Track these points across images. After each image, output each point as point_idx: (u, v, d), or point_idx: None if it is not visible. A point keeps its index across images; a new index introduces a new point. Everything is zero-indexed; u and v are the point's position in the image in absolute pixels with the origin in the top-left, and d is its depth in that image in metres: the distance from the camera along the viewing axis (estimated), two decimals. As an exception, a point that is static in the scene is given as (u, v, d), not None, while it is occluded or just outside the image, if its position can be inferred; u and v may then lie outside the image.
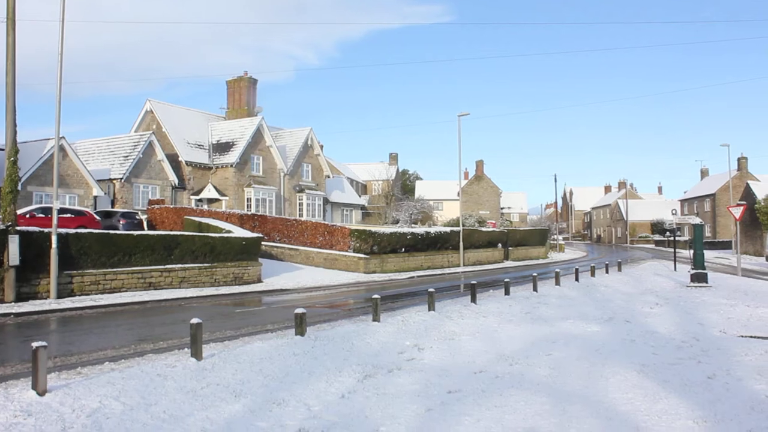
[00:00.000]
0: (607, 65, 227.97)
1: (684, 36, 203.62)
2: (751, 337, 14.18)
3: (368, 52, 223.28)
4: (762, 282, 30.27)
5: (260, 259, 29.39)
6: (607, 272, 34.08)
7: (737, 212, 33.73)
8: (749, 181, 68.46)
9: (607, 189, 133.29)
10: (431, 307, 17.16)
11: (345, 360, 11.05)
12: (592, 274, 31.50)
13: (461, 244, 33.52)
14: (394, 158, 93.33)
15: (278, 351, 11.36)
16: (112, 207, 38.61)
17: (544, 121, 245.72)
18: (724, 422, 7.74)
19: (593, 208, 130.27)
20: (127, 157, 40.85)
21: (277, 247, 36.10)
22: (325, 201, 56.00)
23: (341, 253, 35.83)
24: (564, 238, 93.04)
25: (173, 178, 42.92)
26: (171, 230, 32.21)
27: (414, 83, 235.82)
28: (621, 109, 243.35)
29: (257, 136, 48.32)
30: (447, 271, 38.94)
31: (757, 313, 18.02)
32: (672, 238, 47.63)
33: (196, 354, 10.39)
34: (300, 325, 12.89)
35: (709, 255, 53.14)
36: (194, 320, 10.46)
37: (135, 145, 41.50)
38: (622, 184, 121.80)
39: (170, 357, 11.12)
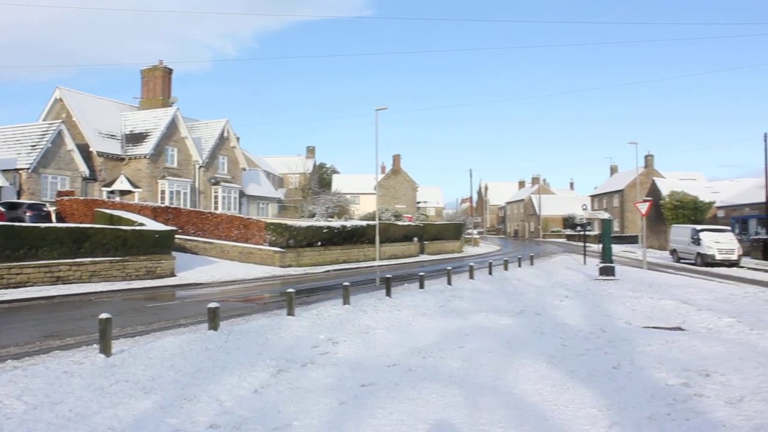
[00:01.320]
0: (522, 62, 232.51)
1: (595, 35, 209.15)
2: (653, 327, 14.72)
3: (287, 44, 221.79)
4: (665, 275, 31.42)
5: (174, 253, 28.88)
6: (519, 266, 34.80)
7: (643, 208, 34.92)
8: (655, 178, 70.98)
9: (521, 184, 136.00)
10: (346, 301, 17.19)
11: (258, 354, 10.98)
12: (505, 268, 32.10)
13: (377, 238, 33.72)
14: (311, 151, 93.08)
15: (190, 346, 11.20)
16: (18, 198, 37.26)
17: (460, 117, 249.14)
18: (627, 410, 8.03)
19: (507, 203, 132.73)
20: (34, 146, 39.47)
21: (191, 240, 35.52)
22: (241, 194, 55.41)
23: (257, 246, 35.55)
24: (479, 233, 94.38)
25: (84, 168, 41.73)
26: (81, 223, 31.34)
27: (333, 76, 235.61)
28: (535, 106, 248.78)
29: (172, 127, 47.41)
30: (363, 264, 39.07)
31: (660, 304, 18.70)
32: (582, 233, 48.90)
33: (105, 350, 10.16)
34: (213, 319, 12.74)
35: (617, 249, 54.81)
36: (103, 315, 10.22)
37: (43, 134, 40.12)
38: (535, 180, 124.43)
39: (78, 354, 10.84)
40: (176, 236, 30.68)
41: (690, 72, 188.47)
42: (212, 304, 12.99)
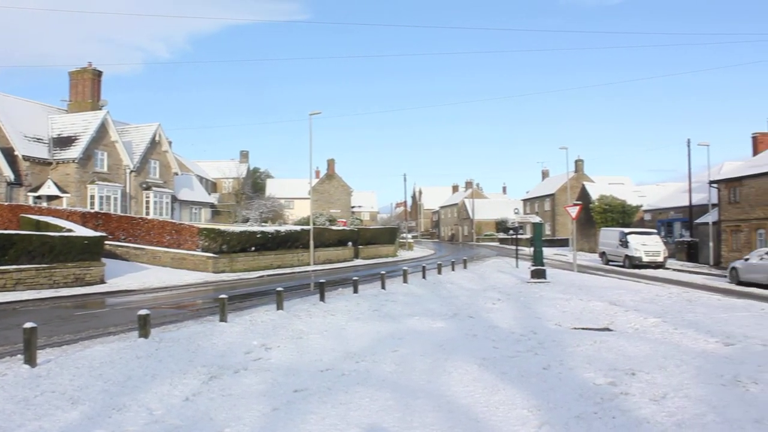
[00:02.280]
0: (456, 67, 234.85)
1: (527, 42, 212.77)
2: (583, 329, 15.04)
3: (222, 48, 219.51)
4: (595, 277, 32.13)
5: (104, 259, 28.28)
6: (453, 270, 35.14)
7: (573, 211, 35.64)
8: (585, 182, 72.46)
9: (455, 188, 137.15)
10: (280, 306, 17.13)
11: (190, 362, 10.85)
12: (439, 272, 32.38)
13: (312, 242, 33.50)
14: (245, 156, 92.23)
15: (120, 354, 11.01)
16: (-62, 204, 35.97)
17: (395, 121, 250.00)
18: (556, 409, 8.20)
19: (441, 207, 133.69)
20: (-45, 151, 38.16)
21: (122, 246, 34.82)
22: (174, 199, 54.51)
23: (189, 252, 35.05)
24: (413, 237, 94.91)
25: (8, 173, 40.48)
26: (6, 229, 30.42)
27: (267, 80, 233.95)
28: (469, 111, 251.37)
29: (102, 130, 46.35)
30: (297, 269, 38.88)
31: (589, 306, 19.13)
32: (515, 236, 49.62)
33: (30, 360, 9.91)
34: (144, 327, 12.55)
35: (548, 252, 55.72)
36: (28, 324, 9.97)
37: (-36, 139, 38.82)
38: (469, 184, 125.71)
39: (0, 365, 10.54)
40: (106, 242, 30.05)
41: (617, 79, 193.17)
42: (143, 311, 12.79)
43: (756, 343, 12.99)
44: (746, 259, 30.51)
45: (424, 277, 29.28)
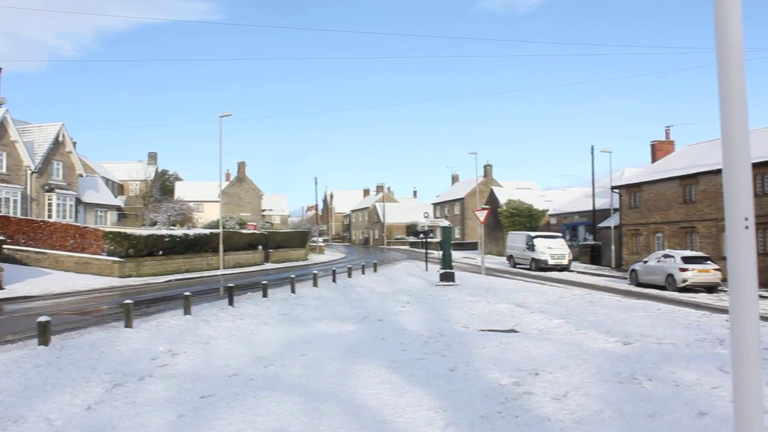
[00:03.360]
0: (368, 71, 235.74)
1: (438, 49, 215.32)
2: (489, 330, 15.34)
3: (131, 46, 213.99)
4: (502, 280, 32.81)
5: (2, 264, 27.20)
6: (363, 273, 35.30)
7: (482, 215, 36.30)
8: (493, 187, 73.95)
9: (366, 192, 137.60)
10: (187, 311, 16.87)
11: (93, 369, 10.58)
12: (349, 275, 32.48)
13: (221, 246, 33.21)
14: (153, 158, 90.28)
15: (17, 364, 10.65)
16: None
17: (307, 125, 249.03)
18: (462, 410, 8.35)
19: (353, 211, 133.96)
20: None
21: (22, 250, 33.59)
22: (78, 201, 52.89)
23: (94, 256, 34.12)
24: (324, 240, 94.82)
25: None
26: None
27: (177, 81, 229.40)
28: (381, 115, 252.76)
29: (1, 129, 44.67)
30: (207, 274, 38.36)
31: (496, 308, 19.53)
32: (425, 240, 50.20)
33: None
34: (44, 334, 12.17)
35: (457, 255, 56.64)
36: None
37: None
38: (380, 188, 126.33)
39: None
40: (5, 246, 28.95)
41: (526, 86, 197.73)
42: (43, 318, 12.41)
43: (652, 342, 13.56)
44: (645, 262, 31.72)
45: (334, 280, 29.31)
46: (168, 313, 18.32)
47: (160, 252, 37.46)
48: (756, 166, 31.88)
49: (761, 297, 25.78)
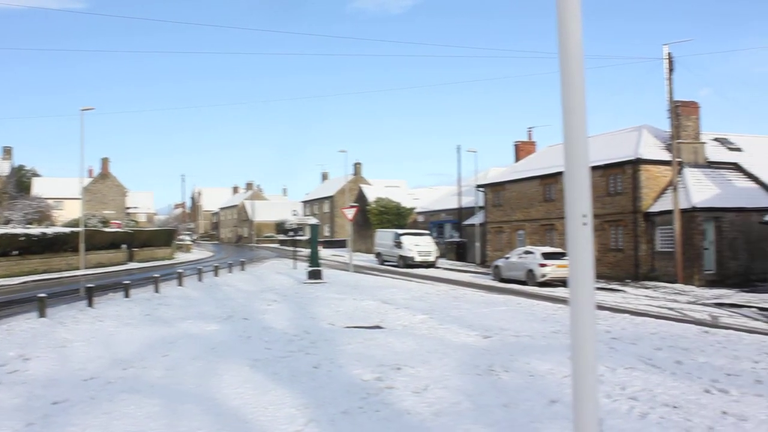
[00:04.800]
0: (237, 69, 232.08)
1: (310, 47, 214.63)
2: (355, 327, 15.47)
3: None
4: (370, 277, 33.15)
5: None
6: (230, 272, 34.84)
7: (350, 213, 36.58)
8: (362, 185, 74.56)
9: (236, 190, 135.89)
10: (42, 314, 16.17)
11: (-66, 377, 9.96)
12: (216, 274, 31.98)
13: (82, 245, 31.76)
14: (8, 152, 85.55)
15: None
16: None
17: (174, 121, 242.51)
18: (324, 406, 8.40)
19: (221, 209, 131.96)
20: None
21: None
22: None
23: (-61, 257, 32.08)
24: (192, 239, 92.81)
25: None
26: None
27: (36, 71, 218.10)
28: (250, 112, 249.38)
29: None
30: (66, 274, 36.80)
31: (363, 305, 19.73)
32: (293, 238, 50.02)
33: None
34: None
35: (327, 253, 56.86)
36: None
37: None
38: (249, 186, 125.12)
39: None
40: None
41: (396, 85, 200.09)
42: None
43: (510, 335, 14.09)
44: (507, 258, 32.81)
45: (200, 279, 28.80)
46: (21, 316, 17.46)
47: (15, 252, 35.62)
48: (608, 167, 33.71)
49: (614, 290, 27.31)
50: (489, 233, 45.58)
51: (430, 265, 42.87)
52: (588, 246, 3.65)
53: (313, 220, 32.10)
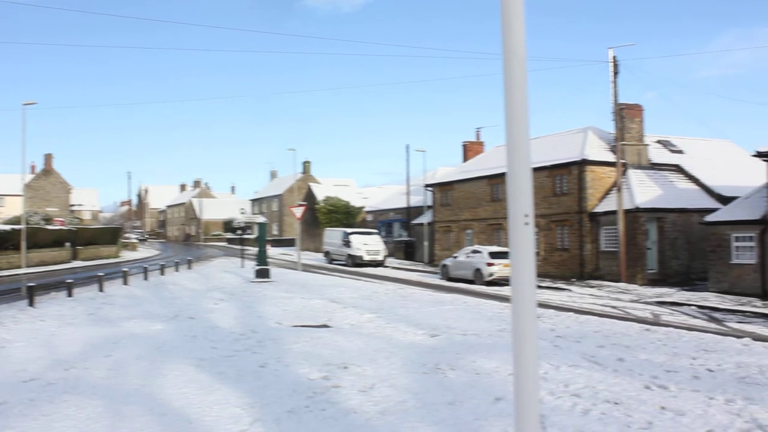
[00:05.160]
0: (180, 66, 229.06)
1: (259, 44, 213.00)
2: (302, 326, 15.43)
3: None
4: (318, 276, 33.07)
5: None
6: (177, 270, 34.44)
7: (298, 212, 36.47)
8: (311, 184, 74.30)
9: (183, 188, 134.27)
10: (-21, 314, 15.78)
11: None
12: (162, 273, 31.58)
13: (23, 243, 31.23)
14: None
15: None
16: None
17: (120, 117, 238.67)
18: (269, 405, 8.37)
19: (168, 207, 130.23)
20: None
21: None
22: None
23: None
24: (138, 237, 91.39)
25: None
26: None
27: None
28: (199, 109, 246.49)
29: None
30: (6, 273, 35.90)
31: (310, 304, 19.70)
32: (241, 236, 49.65)
33: None
34: None
35: (275, 252, 56.50)
36: None
37: None
38: (197, 183, 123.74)
39: None
40: None
41: (347, 84, 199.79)
42: None
43: (457, 333, 14.21)
44: (455, 257, 33.05)
45: (146, 278, 28.39)
46: (-43, 317, 17.03)
47: (-47, 250, 34.72)
48: (554, 167, 34.20)
49: (560, 289, 27.70)
50: (437, 232, 45.83)
51: (378, 264, 42.94)
52: (529, 245, 3.71)
53: (261, 219, 31.96)
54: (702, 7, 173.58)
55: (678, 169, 35.25)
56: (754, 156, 26.69)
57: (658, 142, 37.77)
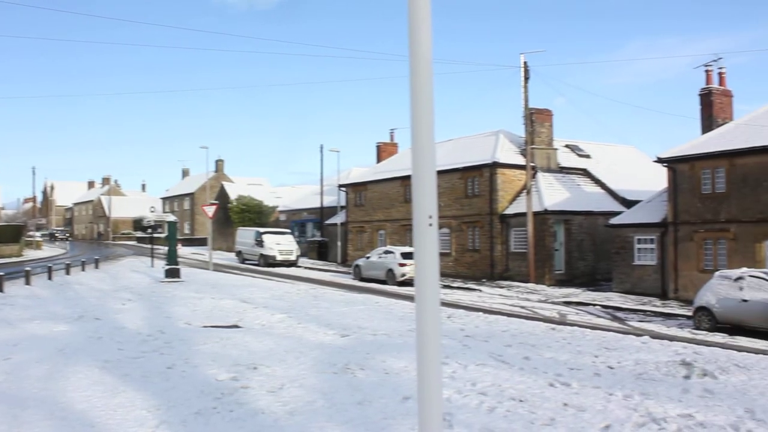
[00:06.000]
0: (93, 60, 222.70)
1: (174, 40, 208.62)
2: (212, 327, 15.24)
3: None
4: (230, 275, 32.68)
5: None
6: (84, 270, 33.45)
7: (210, 211, 36.03)
8: (224, 182, 73.40)
9: (92, 185, 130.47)
10: None
11: None
12: (68, 272, 30.65)
13: None
14: None
15: None
16: None
17: (23, 111, 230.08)
18: (176, 407, 8.24)
19: (76, 204, 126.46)
20: None
21: None
22: None
23: None
24: (43, 235, 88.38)
25: None
26: None
27: None
28: (109, 105, 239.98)
29: None
30: None
31: (221, 304, 19.47)
32: (152, 235, 48.63)
33: None
34: None
35: (186, 251, 55.55)
36: None
37: None
38: (106, 180, 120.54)
39: None
40: None
41: (261, 82, 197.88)
42: None
43: (367, 333, 14.30)
44: (368, 258, 33.22)
45: (50, 278, 27.50)
46: None
47: None
48: (466, 170, 34.75)
49: (471, 289, 28.17)
50: (350, 233, 45.94)
51: (291, 264, 42.73)
52: (433, 246, 3.78)
53: (172, 217, 31.32)
54: (610, 18, 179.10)
55: (585, 173, 36.34)
56: (656, 162, 27.82)
57: (567, 146, 38.85)
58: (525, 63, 31.27)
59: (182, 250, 45.66)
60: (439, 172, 35.72)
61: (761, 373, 11.05)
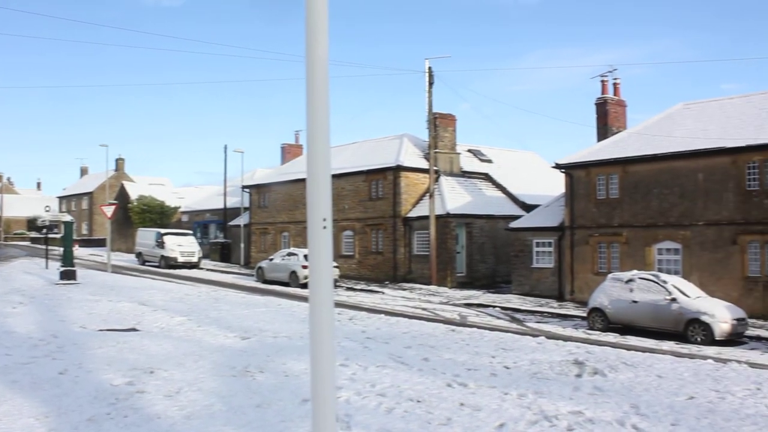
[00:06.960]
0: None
1: (74, 34, 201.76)
2: (109, 330, 14.83)
3: None
4: (129, 278, 31.89)
5: None
6: (-29, 272, 32.07)
7: (109, 211, 35.11)
8: (125, 182, 71.53)
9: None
10: None
11: None
12: (-46, 275, 29.32)
13: None
14: None
15: None
16: None
17: None
18: (67, 414, 7.99)
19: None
20: None
21: None
22: None
23: None
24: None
25: None
26: None
27: None
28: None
29: None
30: None
31: (118, 307, 18.97)
32: (47, 236, 46.96)
33: None
34: None
35: (84, 252, 53.92)
36: None
37: None
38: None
39: None
40: None
41: (162, 80, 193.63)
42: None
43: (268, 336, 14.23)
44: (271, 260, 33.03)
45: (-67, 281, 26.26)
46: None
47: None
48: (370, 173, 34.95)
49: (373, 291, 28.34)
50: (254, 234, 45.54)
51: (193, 265, 42.03)
52: (327, 248, 3.83)
53: (68, 217, 30.34)
54: (514, 27, 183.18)
55: (487, 177, 37.12)
56: (554, 167, 28.66)
57: (469, 151, 39.61)
58: (429, 68, 31.75)
59: (79, 252, 44.34)
60: (343, 175, 36.05)
61: (647, 370, 11.57)
